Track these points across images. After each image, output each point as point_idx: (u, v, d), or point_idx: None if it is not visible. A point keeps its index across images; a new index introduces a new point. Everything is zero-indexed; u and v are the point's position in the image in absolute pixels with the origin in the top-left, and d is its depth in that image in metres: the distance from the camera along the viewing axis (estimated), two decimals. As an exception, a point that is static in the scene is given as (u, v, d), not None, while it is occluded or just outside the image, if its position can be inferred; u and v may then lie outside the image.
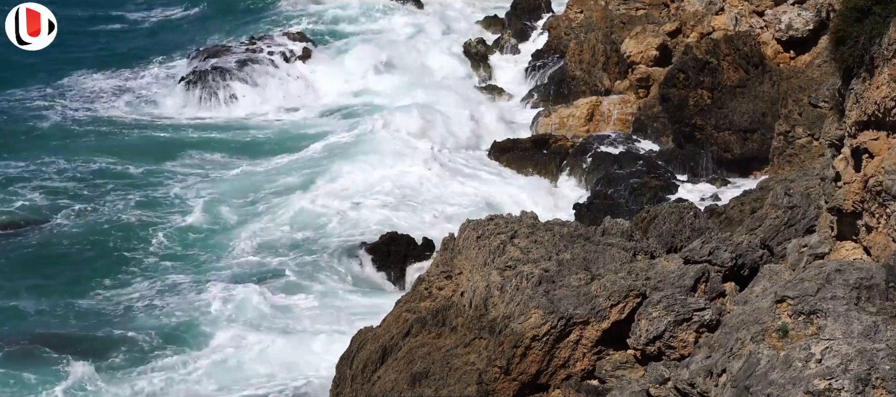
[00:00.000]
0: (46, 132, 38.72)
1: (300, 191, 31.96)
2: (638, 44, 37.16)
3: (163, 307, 25.21)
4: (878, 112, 11.91)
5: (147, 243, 28.89)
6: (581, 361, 14.15)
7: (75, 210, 31.02)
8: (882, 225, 12.03)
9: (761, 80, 33.06)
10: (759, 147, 32.39)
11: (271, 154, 36.66)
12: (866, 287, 10.41)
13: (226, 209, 31.06)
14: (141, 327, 24.25)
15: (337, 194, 31.73)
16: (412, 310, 17.33)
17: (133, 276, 27.07)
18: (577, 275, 14.89)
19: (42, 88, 43.76)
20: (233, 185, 33.16)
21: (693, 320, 13.62)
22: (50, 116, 40.41)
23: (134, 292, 26.19)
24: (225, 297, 25.28)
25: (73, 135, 38.54)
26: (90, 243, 28.87)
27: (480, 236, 17.06)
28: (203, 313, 24.70)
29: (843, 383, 9.27)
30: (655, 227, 17.99)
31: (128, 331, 24.04)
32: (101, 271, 27.25)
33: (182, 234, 29.58)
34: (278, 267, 27.37)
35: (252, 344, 23.31)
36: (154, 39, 53.11)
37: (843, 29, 12.50)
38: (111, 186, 32.95)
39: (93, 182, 33.30)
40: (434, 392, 15.23)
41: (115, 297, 25.92)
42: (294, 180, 33.23)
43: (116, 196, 32.08)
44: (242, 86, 42.31)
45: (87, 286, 26.50)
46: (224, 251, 28.44)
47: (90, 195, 32.25)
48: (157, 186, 33.10)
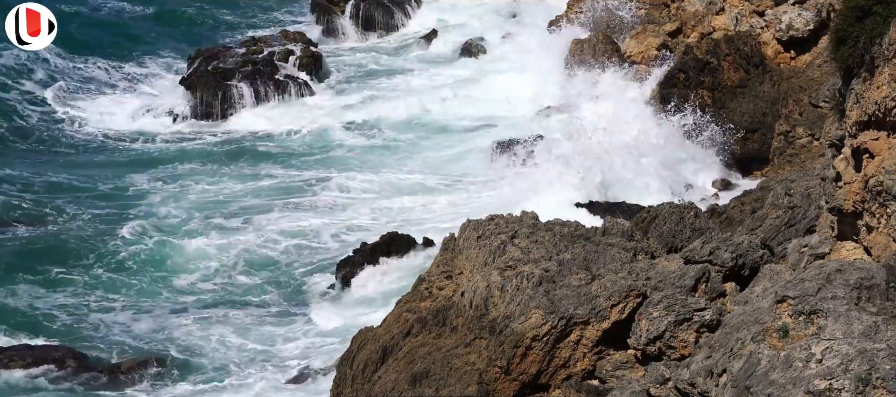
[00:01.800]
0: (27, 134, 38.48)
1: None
2: (638, 44, 37.16)
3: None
4: (878, 112, 11.91)
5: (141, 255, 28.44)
6: (581, 361, 14.16)
7: (60, 213, 30.63)
8: (882, 225, 12.04)
9: (762, 80, 33.03)
10: (759, 147, 32.37)
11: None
12: (867, 287, 10.42)
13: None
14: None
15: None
16: (412, 310, 17.34)
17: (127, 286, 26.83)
18: (577, 275, 14.89)
19: (34, 87, 43.41)
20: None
21: (693, 320, 13.62)
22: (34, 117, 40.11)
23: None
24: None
25: (66, 139, 38.34)
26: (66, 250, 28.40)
27: (481, 236, 17.07)
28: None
29: (843, 383, 9.27)
30: (656, 227, 17.99)
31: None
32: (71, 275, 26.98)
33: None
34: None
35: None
36: (153, 33, 52.74)
37: (844, 29, 12.50)
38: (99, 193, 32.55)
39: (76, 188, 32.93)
40: (434, 392, 15.23)
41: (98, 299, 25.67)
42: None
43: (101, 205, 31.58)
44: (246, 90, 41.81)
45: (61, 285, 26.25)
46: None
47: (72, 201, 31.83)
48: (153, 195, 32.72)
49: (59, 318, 24.96)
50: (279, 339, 24.02)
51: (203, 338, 24.00)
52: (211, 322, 24.69)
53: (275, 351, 23.55)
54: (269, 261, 28.05)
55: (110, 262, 27.69)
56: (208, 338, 23.99)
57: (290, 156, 36.44)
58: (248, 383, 22.24)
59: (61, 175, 33.98)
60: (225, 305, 25.64)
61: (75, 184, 33.14)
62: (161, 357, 23.15)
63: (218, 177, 34.17)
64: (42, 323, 24.72)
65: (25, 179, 33.26)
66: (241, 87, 41.74)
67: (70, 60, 45.84)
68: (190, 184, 33.39)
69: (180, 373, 22.68)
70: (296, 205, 31.53)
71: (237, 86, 41.72)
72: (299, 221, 30.29)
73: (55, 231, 29.63)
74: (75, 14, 51.10)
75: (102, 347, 23.69)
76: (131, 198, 32.33)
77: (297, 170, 34.96)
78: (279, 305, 25.66)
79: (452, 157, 35.41)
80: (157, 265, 27.78)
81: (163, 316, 25.11)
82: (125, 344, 23.84)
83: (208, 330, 24.35)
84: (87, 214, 30.71)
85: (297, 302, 25.80)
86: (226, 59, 43.84)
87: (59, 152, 37.29)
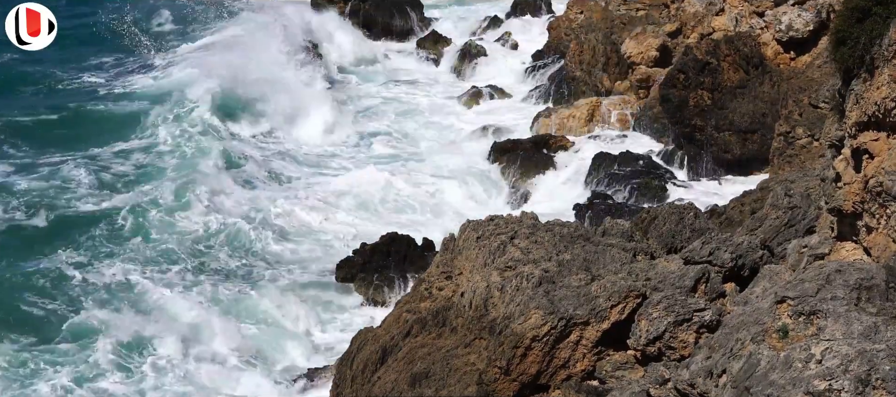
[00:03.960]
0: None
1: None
2: (638, 44, 37.17)
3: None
4: (878, 113, 11.91)
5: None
6: (581, 362, 14.16)
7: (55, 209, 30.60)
8: (882, 225, 12.04)
9: (761, 81, 33.04)
10: (759, 147, 32.37)
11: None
12: (866, 287, 10.42)
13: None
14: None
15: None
16: (412, 311, 17.34)
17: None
18: (577, 276, 14.90)
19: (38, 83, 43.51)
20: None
21: (693, 321, 13.62)
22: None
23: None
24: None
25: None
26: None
27: (481, 237, 17.08)
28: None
29: (843, 384, 9.26)
30: (655, 228, 17.99)
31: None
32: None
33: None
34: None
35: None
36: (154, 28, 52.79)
37: (844, 29, 12.50)
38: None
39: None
40: (434, 392, 15.24)
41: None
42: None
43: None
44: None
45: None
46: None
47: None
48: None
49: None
50: (280, 339, 23.99)
51: (202, 338, 23.97)
52: (211, 322, 24.64)
53: (275, 350, 23.52)
54: (269, 261, 28.06)
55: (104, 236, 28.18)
56: (208, 338, 23.95)
57: (288, 156, 36.46)
58: (248, 383, 22.22)
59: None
60: (226, 304, 25.62)
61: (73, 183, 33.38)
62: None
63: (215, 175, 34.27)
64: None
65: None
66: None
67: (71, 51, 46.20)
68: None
69: (179, 372, 22.63)
70: (296, 205, 31.51)
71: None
72: (299, 221, 30.31)
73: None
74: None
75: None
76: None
77: (297, 171, 34.98)
78: (279, 305, 25.62)
79: (452, 158, 35.45)
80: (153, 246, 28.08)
81: (155, 310, 25.10)
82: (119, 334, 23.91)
83: (208, 330, 24.31)
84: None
85: (297, 302, 25.77)
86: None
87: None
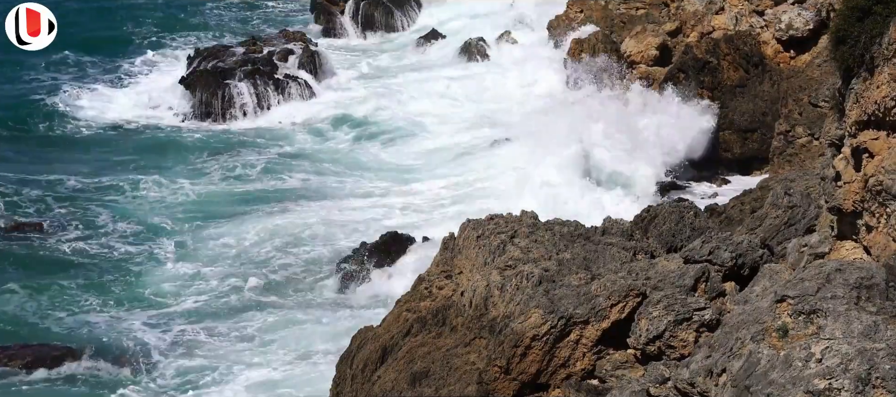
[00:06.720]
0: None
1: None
2: (638, 43, 37.14)
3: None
4: (878, 111, 11.90)
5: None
6: (581, 361, 14.15)
7: (62, 216, 30.59)
8: (882, 224, 12.03)
9: (761, 80, 33.05)
10: (759, 146, 32.38)
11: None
12: (866, 286, 10.41)
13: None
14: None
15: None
16: (412, 310, 17.33)
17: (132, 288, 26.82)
18: (577, 275, 14.89)
19: (35, 83, 43.44)
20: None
21: (693, 320, 13.61)
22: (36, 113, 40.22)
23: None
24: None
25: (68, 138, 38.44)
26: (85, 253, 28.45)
27: (480, 236, 17.07)
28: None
29: (843, 383, 9.26)
30: (655, 227, 17.98)
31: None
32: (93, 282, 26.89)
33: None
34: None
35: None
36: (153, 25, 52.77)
37: (844, 28, 12.49)
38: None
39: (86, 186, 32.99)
40: (434, 391, 15.23)
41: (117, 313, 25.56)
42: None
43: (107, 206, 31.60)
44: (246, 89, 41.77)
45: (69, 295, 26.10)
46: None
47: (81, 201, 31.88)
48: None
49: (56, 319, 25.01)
50: (279, 339, 24.01)
51: (202, 338, 23.98)
52: (210, 321, 24.65)
53: (275, 350, 23.53)
54: (268, 261, 28.07)
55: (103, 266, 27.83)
56: (207, 338, 23.96)
57: (290, 156, 36.44)
58: (249, 382, 22.23)
59: (59, 172, 34.08)
60: (224, 304, 25.63)
61: (71, 184, 33.26)
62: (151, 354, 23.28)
63: (214, 176, 34.24)
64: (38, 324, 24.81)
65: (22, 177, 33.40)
66: (241, 86, 41.70)
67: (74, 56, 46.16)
68: (184, 184, 33.45)
69: (178, 373, 22.66)
70: (295, 205, 31.51)
71: (237, 85, 41.71)
72: (299, 221, 30.30)
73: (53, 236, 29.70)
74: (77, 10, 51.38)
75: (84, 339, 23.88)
76: (128, 195, 32.48)
77: (297, 170, 34.96)
78: (279, 304, 25.63)
79: (451, 157, 35.43)
80: (153, 267, 27.87)
81: (157, 316, 25.12)
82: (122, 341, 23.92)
83: (207, 329, 24.32)
84: (82, 217, 30.79)
85: (297, 302, 25.77)
86: (225, 59, 43.86)
87: (56, 147, 37.37)
